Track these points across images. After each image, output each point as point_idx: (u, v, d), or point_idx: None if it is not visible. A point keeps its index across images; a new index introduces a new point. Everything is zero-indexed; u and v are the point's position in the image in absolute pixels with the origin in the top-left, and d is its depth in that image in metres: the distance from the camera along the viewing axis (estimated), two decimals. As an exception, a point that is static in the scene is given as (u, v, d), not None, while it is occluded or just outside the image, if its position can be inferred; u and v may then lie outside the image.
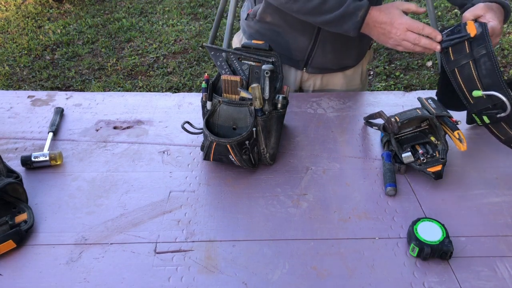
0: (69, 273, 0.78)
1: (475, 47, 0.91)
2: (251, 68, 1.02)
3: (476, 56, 0.90)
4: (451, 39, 0.94)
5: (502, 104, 0.87)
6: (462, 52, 0.92)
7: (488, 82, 0.88)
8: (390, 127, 1.00)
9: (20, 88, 3.10)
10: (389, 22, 1.01)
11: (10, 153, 1.06)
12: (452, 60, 0.93)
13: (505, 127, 0.90)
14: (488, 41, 0.90)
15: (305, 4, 1.06)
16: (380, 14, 1.02)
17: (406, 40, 1.00)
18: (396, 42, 1.02)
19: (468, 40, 0.92)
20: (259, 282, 0.77)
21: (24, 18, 4.03)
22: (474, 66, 0.90)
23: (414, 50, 1.01)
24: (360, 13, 1.02)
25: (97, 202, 0.93)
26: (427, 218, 0.84)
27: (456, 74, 0.92)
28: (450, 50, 0.94)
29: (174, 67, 3.26)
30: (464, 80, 0.91)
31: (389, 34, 1.02)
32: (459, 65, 0.91)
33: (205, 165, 1.03)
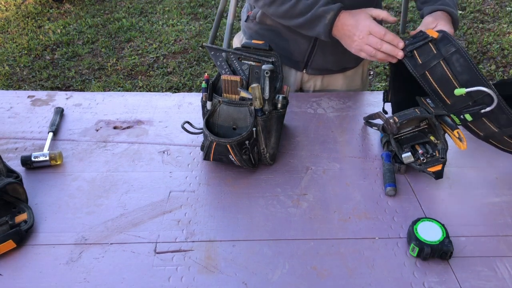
0: (69, 273, 0.78)
1: (442, 47, 0.88)
2: (251, 68, 1.02)
3: (446, 55, 0.87)
4: (414, 42, 0.92)
5: (483, 99, 0.83)
6: (430, 54, 0.89)
7: (466, 78, 0.84)
8: (389, 127, 1.00)
9: (20, 88, 3.10)
10: (354, 24, 1.01)
11: (10, 153, 1.06)
12: (420, 63, 0.89)
13: (486, 122, 0.85)
14: (453, 39, 0.88)
15: (278, 8, 1.09)
16: (349, 16, 1.03)
17: (368, 45, 1.00)
18: (359, 46, 1.02)
19: (432, 42, 0.90)
20: (259, 282, 0.77)
21: (24, 18, 4.04)
22: (446, 65, 0.86)
23: (376, 56, 1.01)
24: (329, 16, 1.04)
25: (97, 202, 0.93)
26: (427, 218, 0.84)
27: (428, 77, 0.88)
28: (415, 54, 0.91)
29: (174, 67, 3.26)
30: (438, 82, 0.87)
31: (353, 37, 1.02)
32: (430, 67, 0.88)
33: (205, 165, 1.03)
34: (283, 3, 1.09)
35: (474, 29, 3.58)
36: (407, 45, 0.93)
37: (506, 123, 0.84)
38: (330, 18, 1.04)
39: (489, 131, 0.87)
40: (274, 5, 1.10)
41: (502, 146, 0.90)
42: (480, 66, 3.11)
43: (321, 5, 1.05)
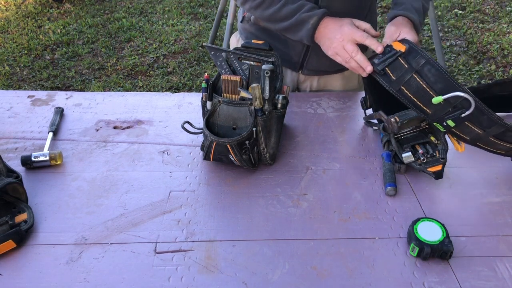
0: (69, 273, 0.78)
1: (411, 60, 0.90)
2: (251, 68, 1.02)
3: (418, 68, 0.88)
4: (384, 60, 0.93)
5: (462, 103, 0.84)
6: (402, 69, 0.90)
7: (441, 87, 0.86)
8: (390, 127, 1.00)
9: (20, 88, 3.10)
10: (338, 28, 1.03)
11: (10, 153, 1.06)
12: (395, 80, 0.91)
13: (469, 126, 0.86)
14: (421, 50, 0.90)
15: (263, 12, 1.11)
16: (332, 21, 1.05)
17: (345, 50, 1.02)
18: (336, 49, 1.03)
19: (401, 56, 0.91)
20: (259, 282, 0.77)
21: (24, 18, 4.04)
22: (420, 77, 0.88)
23: (349, 63, 1.02)
24: (312, 21, 1.05)
25: (97, 202, 0.93)
26: (427, 218, 0.84)
27: (404, 91, 0.90)
28: (388, 71, 0.92)
29: (174, 67, 3.26)
30: (415, 94, 0.89)
31: (333, 39, 1.03)
32: (404, 81, 0.89)
33: (205, 165, 1.03)
34: (268, 7, 1.10)
35: (474, 29, 3.58)
36: (378, 64, 0.94)
37: (488, 123, 0.85)
38: (313, 23, 1.05)
39: (475, 134, 0.88)
40: (260, 9, 1.12)
41: (490, 148, 0.91)
42: (480, 66, 3.11)
43: (305, 11, 1.07)
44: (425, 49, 3.38)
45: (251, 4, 1.12)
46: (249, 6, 1.14)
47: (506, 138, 0.88)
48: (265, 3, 1.10)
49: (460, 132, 0.88)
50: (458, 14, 3.80)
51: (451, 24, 3.65)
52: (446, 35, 3.54)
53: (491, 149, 0.91)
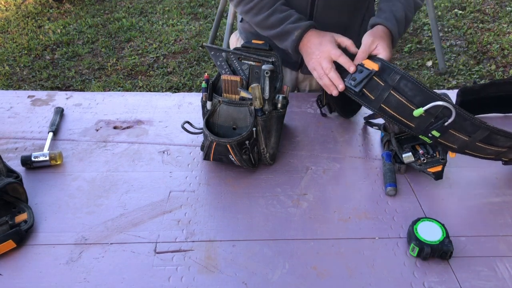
0: (69, 273, 0.78)
1: (387, 77, 0.90)
2: (251, 68, 1.02)
3: (394, 84, 0.89)
4: (360, 81, 0.94)
5: (444, 112, 0.85)
6: (379, 87, 0.91)
7: (419, 99, 0.86)
8: (390, 126, 1.00)
9: (20, 88, 3.10)
10: (318, 43, 1.04)
11: (10, 153, 1.06)
12: (374, 99, 0.92)
13: (454, 134, 0.87)
14: (394, 67, 0.91)
15: (253, 18, 1.13)
16: (315, 36, 1.06)
17: (321, 66, 1.02)
18: (314, 65, 1.05)
19: (376, 75, 0.92)
20: (259, 282, 0.77)
21: (24, 18, 4.04)
22: (397, 93, 0.89)
23: (322, 80, 1.03)
24: (296, 32, 1.06)
25: (97, 202, 0.93)
26: (427, 218, 0.84)
27: (385, 109, 0.90)
28: (365, 91, 0.93)
29: (174, 67, 3.26)
30: (396, 110, 0.89)
31: (312, 55, 1.05)
32: (383, 99, 0.90)
33: (205, 165, 1.03)
34: (257, 14, 1.11)
35: (474, 29, 3.58)
36: (354, 85, 0.95)
37: (471, 129, 0.86)
38: (297, 35, 1.06)
39: (461, 141, 0.88)
40: (250, 14, 1.13)
41: (480, 153, 0.91)
42: (480, 66, 3.11)
43: (291, 22, 1.08)
44: (425, 49, 3.38)
45: (243, 8, 1.14)
46: (240, 10, 1.16)
47: (493, 142, 0.88)
48: (255, 9, 1.11)
49: (447, 141, 0.89)
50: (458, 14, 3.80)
51: (451, 24, 3.65)
52: (446, 35, 3.54)
53: (480, 155, 0.92)
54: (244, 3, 1.12)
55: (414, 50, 3.38)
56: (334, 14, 1.16)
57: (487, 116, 1.17)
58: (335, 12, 1.16)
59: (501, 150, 0.90)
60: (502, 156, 0.94)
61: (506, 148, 0.90)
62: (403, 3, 1.10)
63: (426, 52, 3.34)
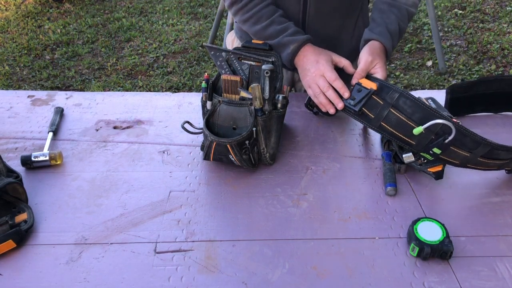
0: (69, 273, 0.78)
1: (385, 96, 0.91)
2: (251, 68, 1.02)
3: (393, 102, 0.90)
4: (359, 100, 0.95)
5: (444, 129, 0.85)
6: (378, 106, 0.92)
7: (419, 116, 0.87)
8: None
9: (20, 88, 3.10)
10: (314, 61, 1.05)
11: (10, 153, 1.06)
12: (373, 117, 0.93)
13: (455, 150, 0.87)
14: (392, 85, 0.92)
15: (251, 27, 1.13)
16: (312, 52, 1.06)
17: (317, 84, 1.03)
18: (309, 82, 1.05)
19: (375, 94, 0.93)
20: (259, 282, 0.77)
21: (24, 17, 4.04)
22: (397, 111, 0.89)
23: (318, 98, 1.04)
24: (292, 46, 1.07)
25: (97, 202, 0.93)
26: (427, 218, 0.84)
27: (385, 126, 0.91)
28: (365, 110, 0.94)
29: (174, 67, 3.26)
30: (396, 128, 0.90)
31: (307, 72, 1.06)
32: (383, 117, 0.91)
33: (205, 165, 1.03)
34: (255, 23, 1.12)
35: (474, 29, 3.58)
36: (354, 105, 0.96)
37: (472, 145, 0.86)
38: (293, 48, 1.07)
39: (463, 157, 0.89)
40: (248, 23, 1.13)
41: (482, 167, 0.91)
42: (480, 66, 3.11)
43: (288, 34, 1.08)
44: (425, 49, 3.38)
45: (241, 17, 1.14)
46: (239, 19, 1.16)
47: (494, 156, 0.88)
48: (253, 18, 1.12)
49: (448, 157, 0.89)
50: (458, 14, 3.80)
51: (451, 24, 3.65)
52: (446, 35, 3.54)
53: (483, 168, 0.92)
54: (242, 12, 1.13)
55: (414, 50, 3.38)
56: (326, 19, 1.16)
57: (478, 116, 1.17)
58: (327, 17, 1.16)
59: (504, 162, 0.90)
60: (505, 167, 0.94)
61: (508, 160, 0.90)
62: (396, 14, 1.10)
63: (426, 52, 3.34)
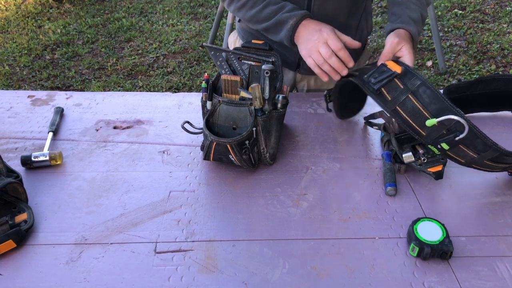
0: (69, 273, 0.78)
1: (407, 81, 0.90)
2: (251, 68, 1.02)
3: (413, 89, 0.89)
4: (381, 79, 0.93)
5: (456, 126, 0.84)
6: (397, 89, 0.91)
7: (435, 108, 0.86)
8: (391, 126, 1.00)
9: (20, 88, 3.10)
10: (317, 29, 1.01)
11: (10, 153, 1.06)
12: (390, 99, 0.91)
13: (464, 149, 0.86)
14: (416, 72, 0.91)
15: (246, 13, 1.12)
16: (313, 23, 1.03)
17: (319, 52, 1.00)
18: (311, 51, 1.01)
19: (397, 77, 0.92)
20: (259, 282, 0.77)
21: (24, 18, 4.04)
22: (415, 98, 0.88)
23: (322, 66, 1.01)
24: (291, 21, 1.04)
25: (97, 202, 0.93)
26: (427, 218, 0.84)
27: (399, 111, 0.90)
28: (383, 91, 0.93)
29: (174, 67, 3.26)
30: (410, 115, 0.89)
31: (310, 40, 1.02)
32: (400, 101, 0.90)
33: (205, 165, 1.03)
34: (251, 8, 1.11)
35: (474, 29, 3.58)
36: (374, 83, 0.94)
37: (482, 147, 0.85)
38: (292, 23, 1.04)
39: (469, 157, 0.88)
40: (244, 9, 1.12)
41: (487, 168, 0.91)
42: (480, 66, 3.11)
43: (286, 11, 1.06)
44: (425, 49, 3.38)
45: (235, 5, 1.13)
46: (233, 8, 1.15)
47: (501, 160, 0.87)
48: (248, 3, 1.11)
49: (455, 155, 0.89)
50: (458, 14, 3.79)
51: (451, 24, 3.65)
52: (446, 35, 3.54)
53: (487, 169, 0.92)
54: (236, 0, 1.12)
55: (414, 50, 3.38)
56: (329, 18, 1.16)
57: (475, 116, 1.17)
58: (330, 16, 1.16)
59: (509, 165, 0.90)
60: (509, 169, 0.94)
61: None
62: (416, 3, 1.09)
63: (426, 52, 3.34)
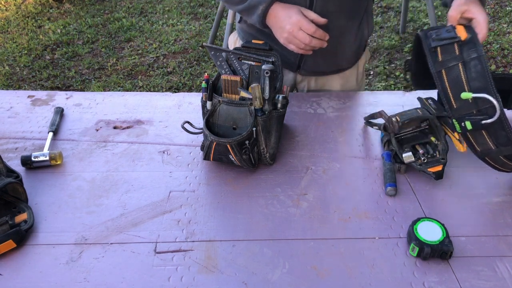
0: (69, 273, 0.78)
1: (465, 50, 0.89)
2: (251, 68, 1.02)
3: (466, 59, 0.88)
4: (441, 38, 0.92)
5: (487, 110, 0.83)
6: (452, 54, 0.90)
7: (477, 85, 0.85)
8: (391, 126, 1.00)
9: (20, 88, 3.10)
10: (286, 16, 1.06)
11: (10, 153, 1.06)
12: (440, 61, 0.90)
13: (484, 136, 0.86)
14: (479, 45, 0.89)
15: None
16: (282, 8, 1.07)
17: (298, 39, 1.05)
18: (289, 39, 1.06)
19: (458, 43, 0.90)
20: (259, 282, 0.77)
21: (24, 18, 4.03)
22: (463, 69, 0.87)
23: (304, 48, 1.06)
24: (261, 7, 1.08)
25: (97, 202, 0.93)
26: (427, 218, 0.84)
27: (443, 75, 0.89)
28: (438, 50, 0.91)
29: (174, 67, 3.26)
30: (451, 83, 0.88)
31: (284, 28, 1.06)
32: (447, 66, 0.89)
33: (205, 165, 1.03)
34: None
35: (474, 29, 3.57)
36: (434, 39, 0.92)
37: (504, 141, 0.84)
38: (262, 9, 1.08)
39: (486, 147, 0.87)
40: None
41: (497, 165, 0.91)
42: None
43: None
44: (425, 49, 3.37)
45: None
46: None
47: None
48: None
49: (474, 140, 0.88)
50: (458, 14, 3.79)
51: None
52: (446, 35, 3.53)
53: (497, 166, 0.91)
54: None
55: (414, 50, 3.38)
56: (331, 19, 1.16)
57: None
58: (332, 16, 1.16)
59: None
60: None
61: None
62: None
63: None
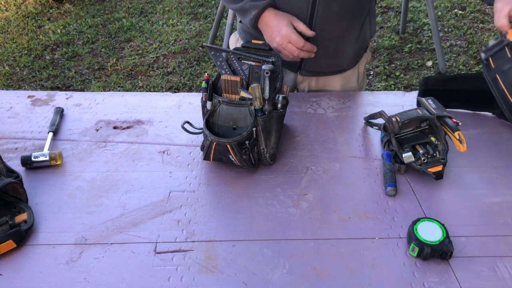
0: (69, 273, 0.78)
1: None
2: (251, 68, 1.02)
3: None
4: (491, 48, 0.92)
5: None
6: (504, 58, 0.89)
7: None
8: (391, 126, 1.00)
9: (20, 88, 3.10)
10: (276, 28, 1.11)
11: (10, 153, 1.06)
12: (493, 68, 0.90)
13: None
14: None
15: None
16: (273, 18, 1.12)
17: (287, 51, 1.12)
18: (278, 49, 1.13)
19: (509, 46, 0.90)
20: (259, 282, 0.77)
21: (24, 18, 4.03)
22: None
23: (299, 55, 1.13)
24: (254, 12, 1.12)
25: (97, 202, 0.93)
26: (427, 218, 0.84)
27: (498, 80, 0.88)
28: (490, 60, 0.91)
29: (174, 67, 3.26)
30: (508, 86, 0.87)
31: (274, 39, 1.12)
32: (501, 70, 0.88)
33: (205, 165, 1.03)
34: None
35: (474, 29, 3.58)
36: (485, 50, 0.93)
37: None
38: (255, 14, 1.12)
39: None
40: None
41: None
42: (480, 66, 3.11)
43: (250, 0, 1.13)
44: (425, 49, 3.38)
45: None
46: None
47: None
48: None
49: None
50: (458, 14, 3.79)
51: (451, 24, 3.65)
52: (446, 35, 3.54)
53: None
54: None
55: (414, 50, 3.38)
56: (334, 19, 1.16)
57: (479, 115, 1.17)
58: (335, 17, 1.16)
59: None
60: None
61: None
62: None
63: (426, 52, 3.34)
